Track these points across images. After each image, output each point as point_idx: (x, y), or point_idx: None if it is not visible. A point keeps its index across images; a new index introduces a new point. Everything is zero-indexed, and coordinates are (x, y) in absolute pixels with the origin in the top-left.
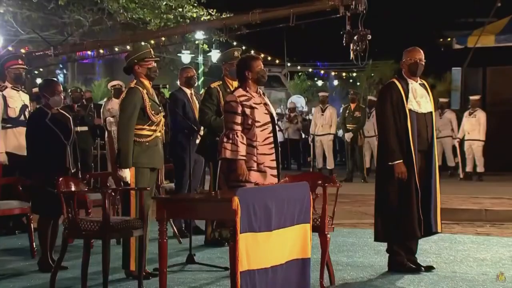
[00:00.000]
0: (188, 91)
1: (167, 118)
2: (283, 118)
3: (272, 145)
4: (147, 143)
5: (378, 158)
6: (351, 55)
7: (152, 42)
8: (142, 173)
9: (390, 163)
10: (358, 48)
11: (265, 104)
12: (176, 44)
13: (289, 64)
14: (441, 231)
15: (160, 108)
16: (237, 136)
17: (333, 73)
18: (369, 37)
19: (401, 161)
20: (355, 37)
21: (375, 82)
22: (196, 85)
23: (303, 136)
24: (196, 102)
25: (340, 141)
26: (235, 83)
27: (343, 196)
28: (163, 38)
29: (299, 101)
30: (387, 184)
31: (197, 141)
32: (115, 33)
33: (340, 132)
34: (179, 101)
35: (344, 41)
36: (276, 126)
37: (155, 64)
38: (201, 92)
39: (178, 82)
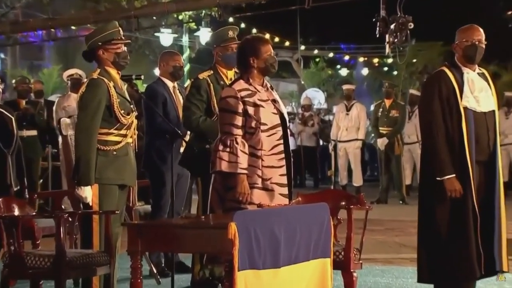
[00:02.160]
0: (170, 83)
1: (141, 119)
2: (295, 119)
3: (282, 155)
4: (115, 152)
5: (422, 172)
6: (387, 49)
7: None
8: (108, 192)
9: (438, 178)
10: (396, 40)
11: (274, 101)
12: (153, 21)
13: (303, 47)
14: (508, 270)
15: (132, 106)
16: (237, 143)
17: (361, 59)
18: (411, 25)
19: (454, 175)
20: (392, 26)
21: (418, 71)
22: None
23: (321, 142)
24: (181, 98)
25: (370, 150)
26: (230, 73)
27: (374, 222)
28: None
29: (316, 96)
30: (435, 207)
31: (182, 150)
32: (71, 5)
33: (371, 138)
34: (158, 96)
35: (377, 31)
36: (288, 130)
37: (125, 48)
38: (186, 85)
39: (158, 72)
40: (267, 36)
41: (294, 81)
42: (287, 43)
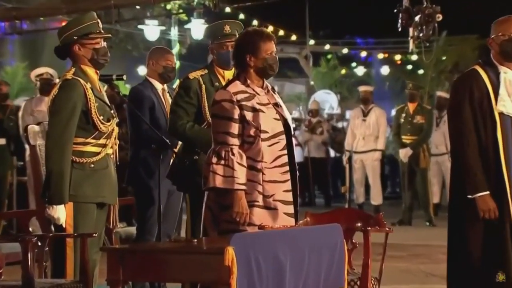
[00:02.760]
0: (159, 85)
1: (123, 126)
2: (301, 126)
3: (287, 168)
4: (93, 165)
5: (452, 188)
6: (411, 45)
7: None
8: (84, 211)
9: (469, 196)
10: (422, 34)
11: (276, 105)
12: (137, 11)
13: (312, 42)
14: None
15: (112, 111)
16: (233, 155)
17: (380, 56)
18: (439, 17)
19: (487, 193)
20: (417, 18)
21: (448, 70)
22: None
23: (334, 153)
24: (170, 102)
25: (392, 162)
26: (228, 74)
27: (396, 247)
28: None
29: (327, 99)
30: (467, 229)
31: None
32: None
33: (392, 148)
34: (145, 100)
35: (400, 24)
36: (294, 139)
37: (105, 44)
38: (174, 85)
39: (144, 71)
40: (270, 29)
41: (302, 81)
42: (293, 37)
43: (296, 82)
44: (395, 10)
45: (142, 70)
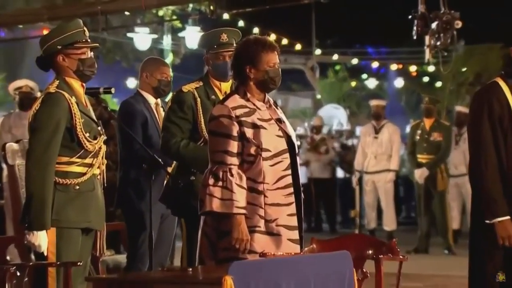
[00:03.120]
0: (152, 100)
1: (110, 144)
2: (303, 143)
3: (291, 190)
4: (78, 187)
5: (472, 213)
6: (427, 55)
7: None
8: (68, 238)
9: (488, 221)
10: (439, 43)
11: (279, 120)
12: (126, 18)
13: (319, 52)
14: None
15: (99, 128)
16: (232, 175)
17: (394, 67)
18: (458, 24)
19: (508, 218)
20: (434, 25)
21: (469, 82)
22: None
23: (342, 174)
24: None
25: (406, 184)
26: (225, 86)
27: (411, 278)
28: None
29: (335, 114)
30: (486, 257)
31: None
32: None
33: (407, 168)
34: (137, 115)
35: (415, 31)
36: (298, 158)
37: (91, 54)
38: (167, 99)
39: (138, 84)
40: (273, 37)
41: (308, 94)
42: (298, 46)
43: (301, 95)
44: (409, 17)
45: (131, 83)
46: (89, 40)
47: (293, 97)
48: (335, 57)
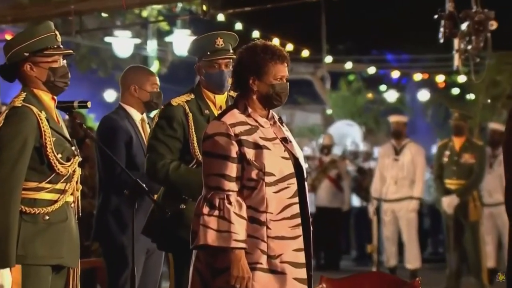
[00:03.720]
0: (137, 115)
1: (86, 167)
2: (311, 165)
3: (298, 221)
4: (48, 217)
5: (510, 248)
6: (456, 61)
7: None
8: (36, 276)
9: None
10: (470, 47)
11: (285, 140)
12: (104, 20)
13: (329, 59)
14: None
15: (74, 148)
16: (229, 203)
17: (418, 76)
18: (493, 25)
19: None
20: (464, 27)
21: (506, 94)
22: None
23: (358, 202)
24: None
25: (433, 214)
26: (220, 99)
27: None
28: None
29: (349, 132)
30: None
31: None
32: None
33: (432, 195)
34: (120, 133)
35: (441, 34)
36: (307, 183)
37: (64, 62)
38: (153, 115)
39: (121, 97)
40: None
41: (317, 109)
42: (305, 53)
43: (309, 110)
44: (435, 17)
45: (110, 95)
46: (61, 46)
47: (299, 112)
48: (349, 65)
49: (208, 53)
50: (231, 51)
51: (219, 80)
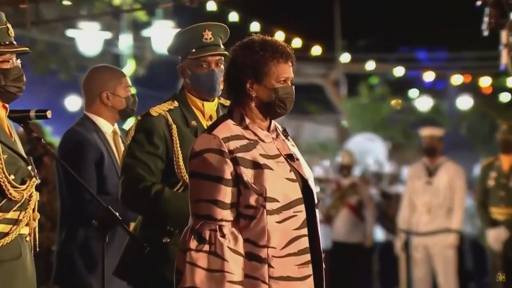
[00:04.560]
0: (108, 126)
1: (44, 192)
2: (325, 189)
3: (308, 257)
4: None
5: None
6: (504, 60)
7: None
8: None
9: None
10: None
11: (290, 157)
12: (65, 8)
13: (346, 57)
14: None
15: (30, 168)
16: (222, 236)
17: (457, 79)
18: None
19: None
20: None
21: None
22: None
23: (382, 235)
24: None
25: (475, 250)
26: (210, 107)
27: None
28: None
29: (370, 148)
30: None
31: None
32: None
33: (475, 227)
34: (88, 151)
35: (485, 26)
36: (318, 211)
37: (18, 62)
38: (128, 128)
39: (86, 105)
40: (279, 37)
41: (330, 119)
42: (316, 50)
43: (320, 121)
44: (478, 3)
45: (73, 102)
46: (14, 42)
47: (308, 124)
48: (371, 65)
49: (194, 49)
50: (222, 46)
51: (208, 83)
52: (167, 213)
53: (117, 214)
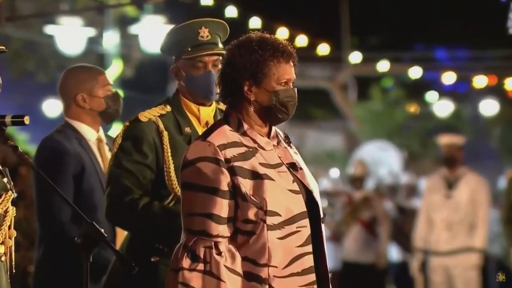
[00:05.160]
0: (91, 133)
1: (20, 207)
2: (334, 203)
3: (313, 277)
4: None
5: None
6: None
7: None
8: None
9: None
10: None
11: (293, 166)
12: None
13: (356, 57)
14: None
15: (6, 180)
16: (218, 254)
17: (481, 81)
18: None
19: None
20: None
21: None
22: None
23: (397, 255)
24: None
25: (501, 271)
26: (206, 112)
27: None
28: None
29: (383, 158)
30: None
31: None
32: None
33: (500, 246)
34: (68, 161)
35: (510, 24)
36: (324, 226)
37: None
38: (111, 131)
39: (65, 111)
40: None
41: (337, 126)
42: (323, 49)
43: (325, 128)
44: None
45: (51, 107)
46: None
47: (313, 131)
48: (384, 65)
49: (190, 48)
50: (220, 45)
51: (204, 85)
52: (156, 229)
53: (102, 230)
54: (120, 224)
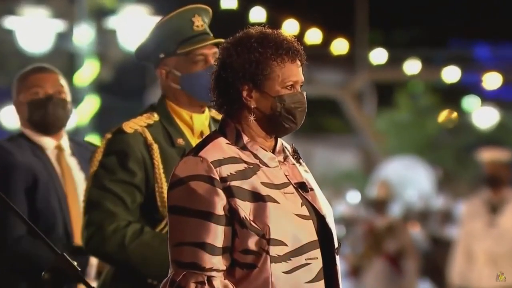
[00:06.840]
0: (49, 142)
1: None
2: (353, 231)
3: None
4: None
5: None
6: None
7: None
8: None
9: None
10: None
11: (302, 187)
12: None
13: (377, 58)
14: None
15: None
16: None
17: None
18: None
19: None
20: None
21: None
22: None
23: None
24: (80, 176)
25: None
26: (200, 121)
27: None
28: None
29: (410, 177)
30: None
31: None
32: None
33: None
34: (14, 174)
35: None
36: (339, 258)
37: None
38: (86, 138)
39: (17, 115)
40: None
41: (350, 141)
42: (336, 45)
43: (337, 142)
44: None
45: (10, 114)
46: None
47: (323, 147)
48: (412, 67)
49: (181, 41)
50: (210, 35)
51: (208, 82)
52: (146, 261)
53: (75, 263)
54: (104, 257)
